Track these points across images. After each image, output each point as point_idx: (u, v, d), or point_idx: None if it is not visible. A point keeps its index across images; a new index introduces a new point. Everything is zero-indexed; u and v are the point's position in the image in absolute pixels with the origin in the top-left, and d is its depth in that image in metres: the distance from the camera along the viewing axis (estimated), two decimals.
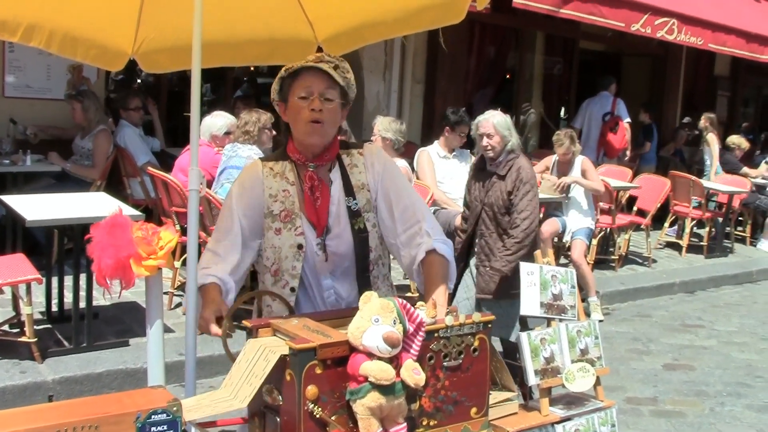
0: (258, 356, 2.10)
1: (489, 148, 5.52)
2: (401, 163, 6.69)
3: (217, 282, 2.77)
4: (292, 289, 2.82)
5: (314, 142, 2.80)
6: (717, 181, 11.45)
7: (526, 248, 5.24)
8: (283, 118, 2.88)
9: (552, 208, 8.12)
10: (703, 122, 12.28)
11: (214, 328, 2.56)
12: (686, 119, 13.87)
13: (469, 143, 6.68)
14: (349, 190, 2.87)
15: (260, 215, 2.84)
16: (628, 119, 11.40)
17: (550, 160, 8.21)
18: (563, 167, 7.99)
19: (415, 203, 2.93)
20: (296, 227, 2.81)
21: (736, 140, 12.26)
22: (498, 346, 4.99)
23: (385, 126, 6.78)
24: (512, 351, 4.71)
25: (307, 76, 2.77)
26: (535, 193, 5.43)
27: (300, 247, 2.80)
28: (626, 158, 11.60)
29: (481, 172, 5.68)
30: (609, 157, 11.25)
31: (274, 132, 6.76)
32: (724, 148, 12.57)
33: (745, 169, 11.95)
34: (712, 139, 12.15)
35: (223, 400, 2.05)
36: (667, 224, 11.17)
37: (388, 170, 2.95)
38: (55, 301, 6.01)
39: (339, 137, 2.96)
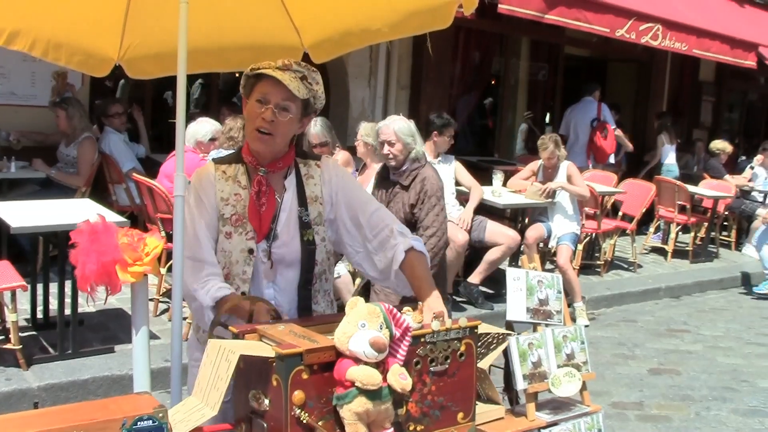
0: (219, 358, 2.08)
1: (390, 156, 5.24)
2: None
3: (228, 288, 2.73)
4: (243, 293, 2.77)
5: (258, 149, 2.78)
6: (701, 186, 11.50)
7: (433, 269, 4.69)
8: (244, 113, 2.84)
9: (537, 214, 8.15)
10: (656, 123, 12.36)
11: (267, 306, 2.57)
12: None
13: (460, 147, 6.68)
14: (302, 201, 2.84)
15: (214, 218, 2.80)
16: (614, 125, 11.45)
17: (536, 165, 8.23)
18: (548, 172, 8.01)
19: (380, 209, 2.93)
20: (247, 231, 2.78)
21: (720, 145, 12.32)
22: None
23: (367, 131, 6.79)
24: None
25: (267, 82, 2.72)
26: (441, 207, 5.17)
27: (251, 251, 2.77)
28: (614, 162, 11.65)
29: (384, 181, 5.39)
30: (599, 161, 11.29)
31: None
32: (708, 154, 12.63)
33: (728, 177, 12.00)
34: (660, 140, 12.26)
35: (195, 410, 2.04)
36: (652, 229, 11.21)
37: (347, 183, 2.94)
38: (40, 308, 5.98)
39: (320, 147, 2.97)
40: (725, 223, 12.28)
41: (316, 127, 6.60)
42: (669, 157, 12.32)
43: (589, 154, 11.25)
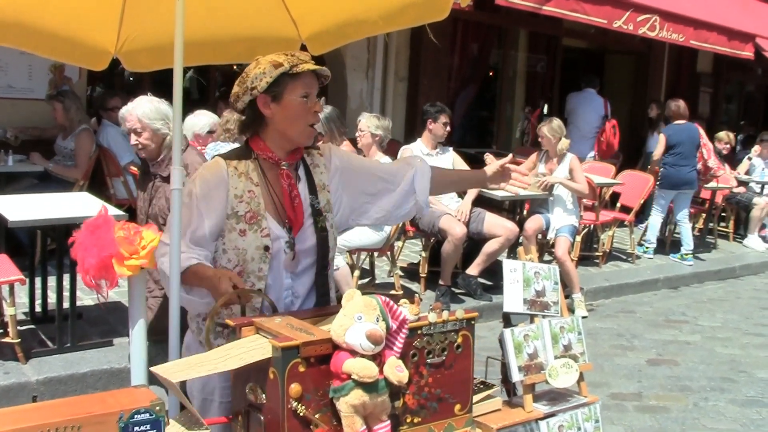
0: (256, 345, 2.10)
1: (140, 146, 4.57)
2: (385, 160, 6.70)
3: (204, 261, 2.73)
4: (259, 290, 2.77)
5: (308, 143, 2.85)
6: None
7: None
8: (263, 111, 2.78)
9: (536, 205, 8.15)
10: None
11: (236, 280, 2.56)
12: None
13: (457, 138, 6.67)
14: (312, 189, 2.88)
15: (222, 216, 2.77)
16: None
17: (536, 157, 8.23)
18: (551, 162, 8.00)
19: (388, 162, 3.10)
20: (262, 229, 2.77)
21: (724, 136, 12.29)
22: None
23: (374, 123, 6.81)
24: None
25: (308, 77, 2.76)
26: None
27: (267, 248, 2.76)
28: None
29: (145, 176, 4.72)
30: (604, 157, 11.33)
31: None
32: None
33: (723, 172, 11.93)
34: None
35: (209, 362, 2.04)
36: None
37: (348, 159, 3.06)
38: (38, 302, 5.98)
39: (319, 137, 3.00)
40: (723, 214, 12.28)
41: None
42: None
43: (598, 148, 11.29)
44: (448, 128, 7.49)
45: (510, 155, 3.45)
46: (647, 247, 10.22)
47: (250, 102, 2.77)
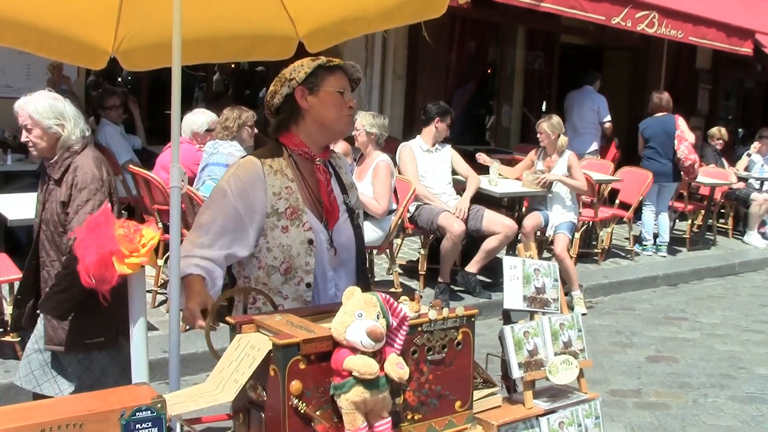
0: (244, 353, 2.10)
1: (30, 145, 4.20)
2: (383, 157, 6.70)
3: (202, 273, 2.75)
4: (308, 285, 2.84)
5: (348, 131, 3.00)
6: (699, 173, 11.48)
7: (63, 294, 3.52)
8: (300, 103, 2.82)
9: (536, 202, 8.15)
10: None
11: (200, 321, 2.56)
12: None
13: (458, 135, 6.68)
14: (343, 188, 2.98)
15: (262, 214, 2.80)
16: (609, 117, 11.47)
17: (534, 154, 8.24)
18: (549, 159, 8.01)
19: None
20: (303, 223, 2.81)
21: (716, 132, 12.30)
22: None
23: (369, 121, 6.80)
24: None
25: (343, 75, 2.87)
26: (97, 203, 3.85)
27: (311, 242, 2.82)
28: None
29: (43, 176, 4.31)
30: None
31: (255, 130, 6.77)
32: (705, 141, 12.62)
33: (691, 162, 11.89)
34: None
35: (208, 394, 2.05)
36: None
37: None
38: None
39: None
40: (722, 211, 12.29)
41: None
42: None
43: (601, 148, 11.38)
44: (450, 129, 7.55)
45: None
46: (644, 245, 10.23)
47: (287, 96, 2.82)
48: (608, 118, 11.38)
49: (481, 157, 8.33)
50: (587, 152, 11.11)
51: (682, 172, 10.17)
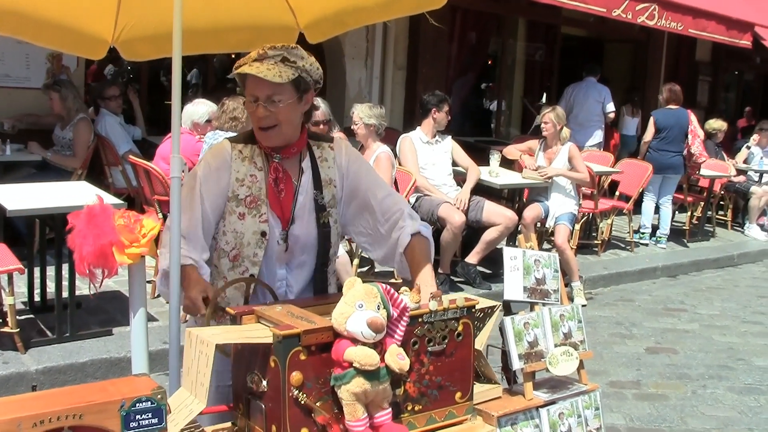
0: (197, 351, 2.08)
1: None
2: (384, 149, 6.69)
3: (195, 264, 2.74)
4: (252, 276, 2.79)
5: (269, 144, 2.78)
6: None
7: None
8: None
9: (536, 194, 8.15)
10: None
11: (203, 309, 2.56)
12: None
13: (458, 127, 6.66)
14: (317, 184, 2.85)
15: (224, 198, 2.79)
16: (613, 108, 11.47)
17: (535, 144, 8.23)
18: (549, 152, 8.00)
19: (393, 193, 2.98)
20: (261, 214, 2.78)
21: (716, 124, 12.27)
22: None
23: (366, 113, 6.77)
24: None
25: (250, 81, 2.72)
26: None
27: (264, 234, 2.77)
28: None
29: None
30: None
31: None
32: (705, 134, 12.60)
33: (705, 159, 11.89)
34: (622, 112, 12.36)
35: (183, 407, 2.05)
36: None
37: (360, 166, 2.97)
38: (37, 291, 5.98)
39: (321, 126, 2.97)
40: (721, 203, 12.29)
41: (321, 106, 6.61)
42: (628, 128, 12.88)
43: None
44: (449, 117, 7.50)
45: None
46: (642, 233, 10.23)
47: None
48: (613, 108, 11.40)
49: (496, 156, 8.26)
50: (593, 144, 11.09)
51: (688, 167, 10.20)
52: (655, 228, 10.36)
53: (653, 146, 10.12)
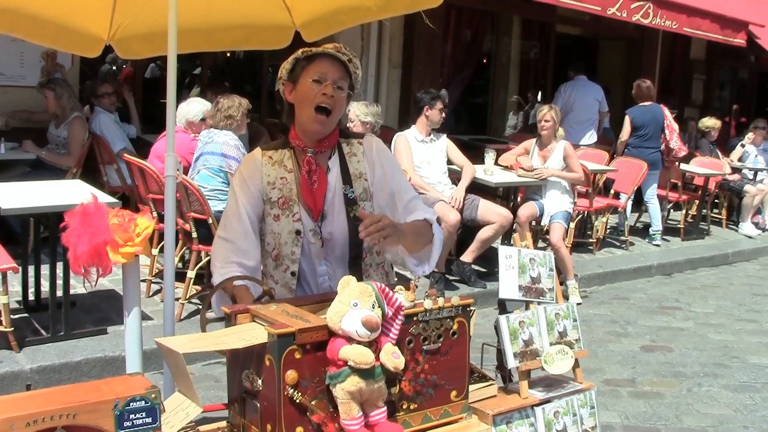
0: (169, 359, 2.09)
1: None
2: None
3: (245, 283, 2.80)
4: (293, 273, 2.91)
5: (317, 130, 2.86)
6: (693, 164, 11.51)
7: None
8: (287, 99, 2.92)
9: (531, 192, 8.15)
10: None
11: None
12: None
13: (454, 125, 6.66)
14: (346, 178, 2.94)
15: (261, 201, 2.91)
16: (607, 108, 11.47)
17: (531, 143, 8.23)
18: (544, 150, 8.01)
19: (417, 198, 3.06)
20: (294, 213, 2.88)
21: (709, 123, 12.30)
22: None
23: (363, 111, 6.78)
24: None
25: (323, 61, 2.85)
26: None
27: (298, 233, 2.88)
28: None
29: None
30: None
31: (248, 119, 6.74)
32: (699, 132, 12.62)
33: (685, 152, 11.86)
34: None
35: (180, 410, 2.06)
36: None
37: (389, 165, 3.04)
38: (31, 290, 5.96)
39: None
40: (716, 201, 12.31)
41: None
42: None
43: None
44: (444, 114, 7.48)
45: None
46: (621, 230, 10.25)
47: (282, 91, 2.93)
48: (607, 107, 11.41)
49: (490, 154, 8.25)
50: (589, 144, 11.07)
51: (666, 161, 10.26)
52: (647, 226, 10.38)
53: (632, 144, 10.15)
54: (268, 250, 2.94)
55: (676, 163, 10.68)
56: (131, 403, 1.81)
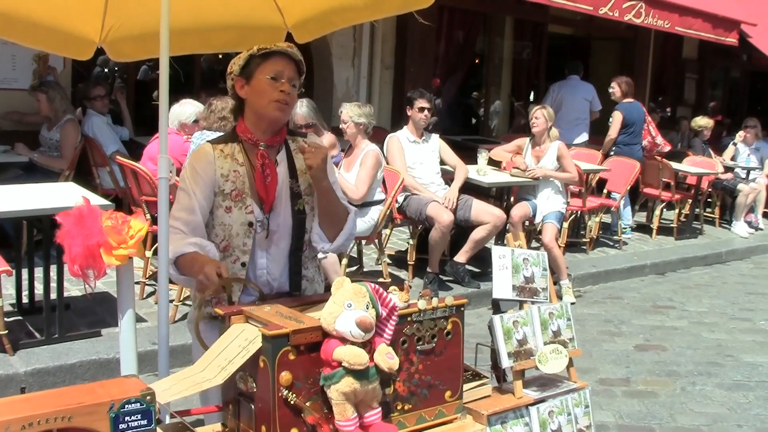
0: (236, 343, 2.09)
1: None
2: (372, 147, 6.69)
3: (197, 249, 2.83)
4: (243, 264, 2.95)
5: (278, 117, 2.94)
6: (686, 163, 11.52)
7: None
8: (239, 94, 2.99)
9: (524, 192, 8.15)
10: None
11: (216, 280, 2.61)
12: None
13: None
14: (293, 173, 3.02)
15: (212, 193, 2.95)
16: (600, 107, 11.48)
17: (524, 141, 8.24)
18: (537, 151, 8.02)
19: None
20: (247, 206, 2.94)
21: (702, 122, 12.33)
22: None
23: (356, 112, 6.77)
24: None
25: (279, 59, 2.92)
26: None
27: (251, 224, 2.93)
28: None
29: None
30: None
31: None
32: (692, 131, 12.64)
33: (669, 148, 11.88)
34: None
35: (199, 377, 2.05)
36: (637, 207, 11.25)
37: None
38: (25, 293, 5.95)
39: (306, 129, 3.07)
40: (709, 200, 12.34)
41: (302, 108, 6.63)
42: None
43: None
44: (427, 113, 7.42)
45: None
46: (625, 227, 10.28)
47: (233, 87, 2.99)
48: (600, 106, 11.40)
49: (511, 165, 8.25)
50: (580, 143, 11.07)
51: (647, 156, 10.47)
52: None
53: (621, 141, 10.17)
54: (215, 242, 2.96)
55: (664, 159, 10.72)
56: (126, 406, 1.81)
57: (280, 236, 2.99)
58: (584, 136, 11.22)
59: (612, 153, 10.26)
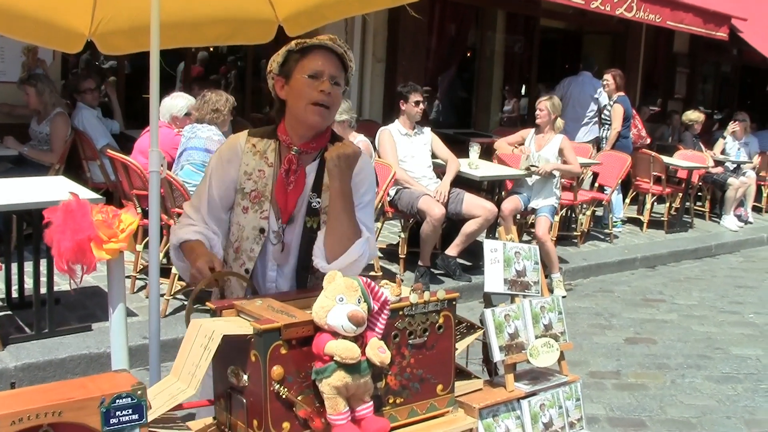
0: (197, 343, 2.06)
1: None
2: (362, 138, 6.65)
3: (201, 238, 2.75)
4: (247, 271, 2.79)
5: (316, 122, 2.70)
6: (677, 157, 11.55)
7: None
8: (279, 94, 2.77)
9: (516, 186, 8.16)
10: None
11: (208, 274, 2.58)
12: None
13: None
14: (317, 187, 2.78)
15: (233, 189, 2.80)
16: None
17: (527, 133, 8.25)
18: (540, 141, 8.01)
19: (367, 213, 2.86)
20: (262, 210, 2.76)
21: (693, 116, 12.36)
22: None
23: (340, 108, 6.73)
24: None
25: (319, 54, 2.68)
26: None
27: (262, 231, 2.76)
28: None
29: None
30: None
31: (233, 117, 6.72)
32: (683, 125, 12.67)
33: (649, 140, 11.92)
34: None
35: (174, 389, 2.03)
36: (628, 200, 11.27)
37: (364, 179, 2.83)
38: (15, 288, 5.93)
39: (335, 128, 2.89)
40: (699, 194, 12.38)
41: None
42: None
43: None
44: (422, 106, 7.44)
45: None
46: (616, 221, 10.31)
47: (273, 86, 2.78)
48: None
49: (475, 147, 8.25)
50: (588, 140, 10.98)
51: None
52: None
53: (624, 133, 10.25)
54: (231, 240, 2.84)
55: (654, 152, 10.81)
56: (117, 400, 1.80)
57: (292, 251, 2.78)
58: (594, 132, 11.01)
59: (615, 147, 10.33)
